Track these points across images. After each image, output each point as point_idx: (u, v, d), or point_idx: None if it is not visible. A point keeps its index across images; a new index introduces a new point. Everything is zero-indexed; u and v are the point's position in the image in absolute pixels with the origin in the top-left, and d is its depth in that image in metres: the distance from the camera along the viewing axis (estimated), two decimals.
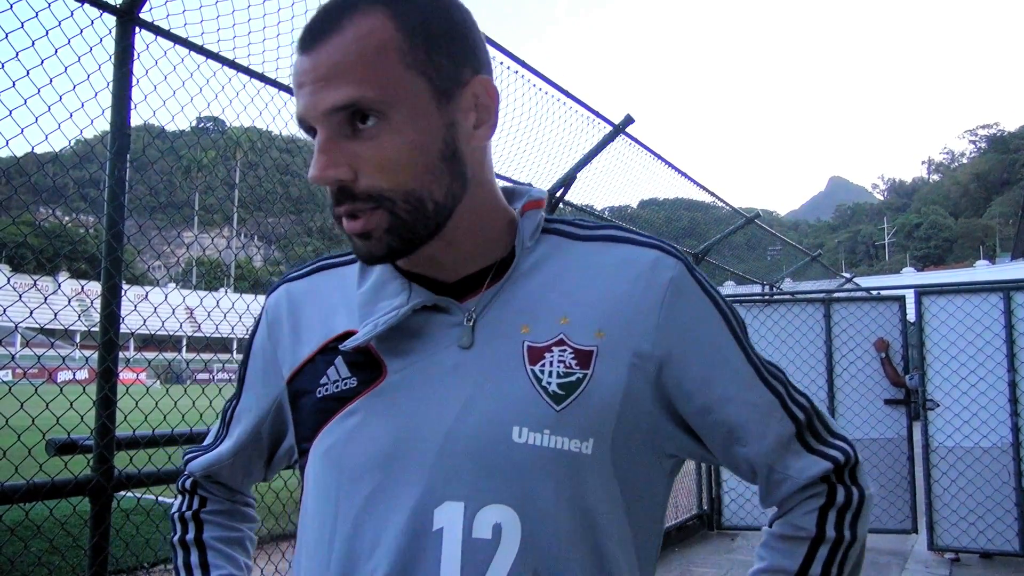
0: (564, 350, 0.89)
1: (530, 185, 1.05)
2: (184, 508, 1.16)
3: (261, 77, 3.61)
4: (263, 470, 1.16)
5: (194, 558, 1.12)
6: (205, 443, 1.18)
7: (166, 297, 3.73)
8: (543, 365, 0.89)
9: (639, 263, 0.94)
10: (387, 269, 0.96)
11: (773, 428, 0.95)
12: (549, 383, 0.88)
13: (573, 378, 0.88)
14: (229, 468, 1.14)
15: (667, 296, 0.92)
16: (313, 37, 0.84)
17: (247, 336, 1.12)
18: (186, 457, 1.19)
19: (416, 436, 0.88)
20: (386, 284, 0.95)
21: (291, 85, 0.90)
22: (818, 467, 0.96)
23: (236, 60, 3.45)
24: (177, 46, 3.19)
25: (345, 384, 0.94)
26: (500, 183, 1.02)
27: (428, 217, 0.87)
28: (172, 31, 3.13)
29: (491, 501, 0.85)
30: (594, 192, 6.88)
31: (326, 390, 0.95)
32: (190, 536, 1.13)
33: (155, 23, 3.04)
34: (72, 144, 3.13)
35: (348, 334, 0.95)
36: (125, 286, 2.96)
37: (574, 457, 0.87)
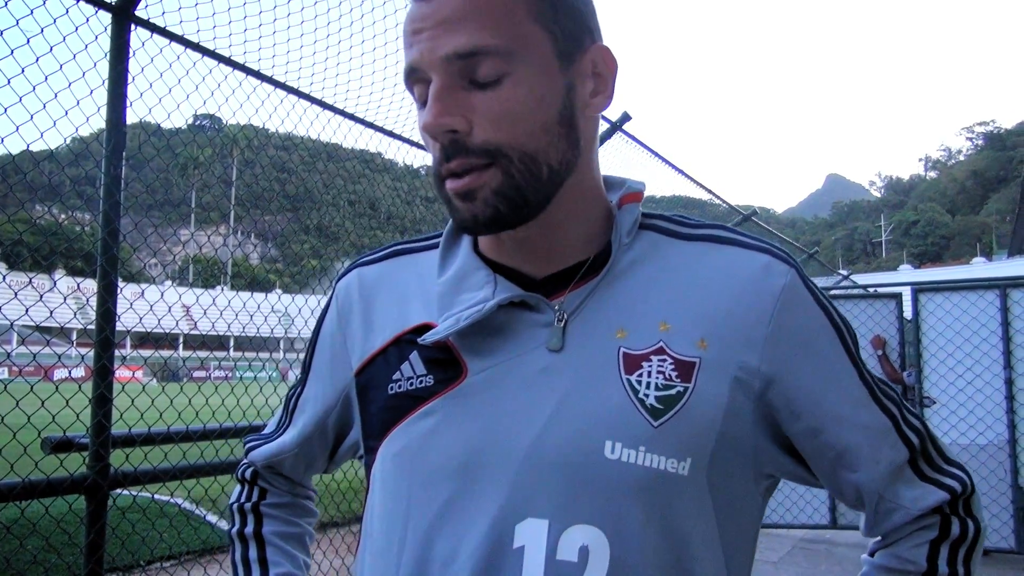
0: (664, 360, 0.82)
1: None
2: (244, 499, 1.11)
3: (257, 74, 3.61)
4: (326, 462, 1.10)
5: (252, 553, 1.07)
6: (267, 431, 1.12)
7: (162, 295, 3.72)
8: (640, 375, 0.81)
9: (748, 268, 0.86)
10: (471, 258, 0.90)
11: (886, 453, 0.87)
12: (647, 395, 0.80)
13: (673, 391, 0.80)
14: (292, 459, 1.08)
15: (778, 306, 0.84)
16: None
17: (316, 321, 1.06)
18: (248, 445, 1.12)
19: (498, 445, 0.81)
20: (469, 275, 0.89)
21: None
22: (933, 497, 0.88)
23: (232, 57, 3.44)
24: (173, 43, 3.18)
25: (421, 382, 0.87)
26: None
27: (541, 182, 0.81)
28: (168, 28, 3.13)
29: (578, 521, 0.77)
30: None
31: (399, 387, 0.88)
32: (249, 529, 1.08)
33: (151, 20, 3.04)
34: (68, 142, 3.13)
35: (425, 327, 0.88)
36: (121, 284, 2.95)
37: (670, 478, 0.79)
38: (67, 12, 2.77)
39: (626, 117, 6.04)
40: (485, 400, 0.83)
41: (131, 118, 2.92)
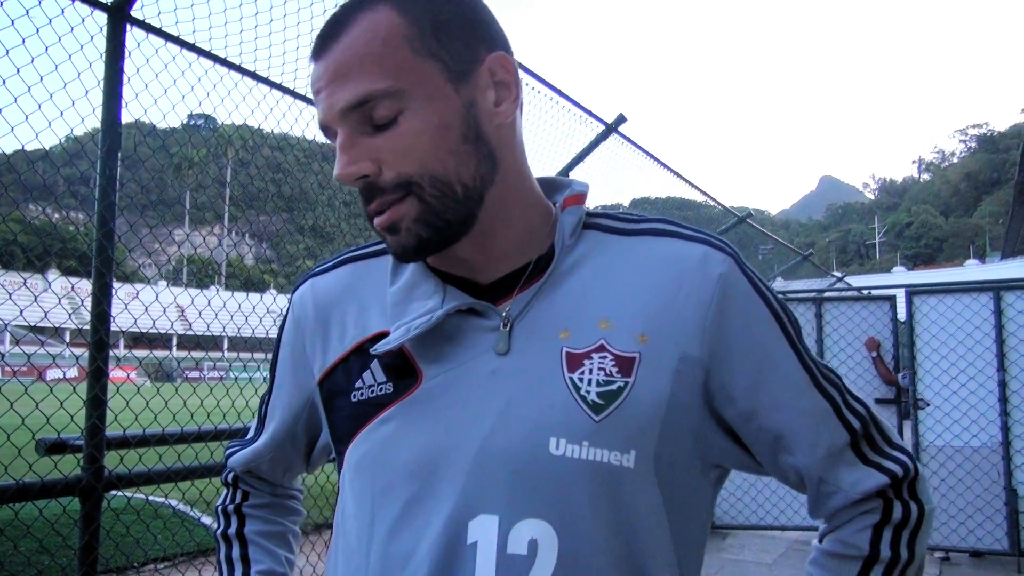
0: (604, 357, 0.85)
1: (572, 179, 1.00)
2: (227, 502, 1.16)
3: (253, 75, 3.60)
4: (303, 464, 1.14)
5: (235, 552, 1.12)
6: (246, 437, 1.17)
7: (157, 295, 3.72)
8: (582, 372, 0.84)
9: (686, 259, 0.89)
10: (420, 268, 0.93)
11: (825, 437, 0.89)
12: (588, 392, 0.83)
13: (614, 386, 0.84)
14: (268, 463, 1.13)
15: (716, 295, 0.87)
16: (323, 43, 0.84)
17: (277, 330, 1.11)
18: (228, 452, 1.18)
19: (452, 446, 0.84)
20: (419, 284, 0.92)
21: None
22: (873, 480, 0.90)
23: (228, 58, 3.44)
24: (168, 43, 3.18)
25: (381, 389, 0.91)
26: (540, 175, 0.99)
27: (458, 202, 0.84)
28: (163, 28, 3.12)
29: (527, 515, 0.81)
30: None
31: (361, 395, 0.92)
32: (232, 530, 1.13)
33: (146, 20, 3.03)
34: (63, 142, 3.12)
35: (382, 335, 0.92)
36: (116, 284, 2.94)
37: (614, 470, 0.82)
38: (63, 12, 2.77)
39: (621, 119, 6.05)
40: (439, 405, 0.87)
41: (126, 118, 2.92)
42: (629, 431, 0.83)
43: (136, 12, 2.95)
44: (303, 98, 3.83)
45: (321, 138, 0.94)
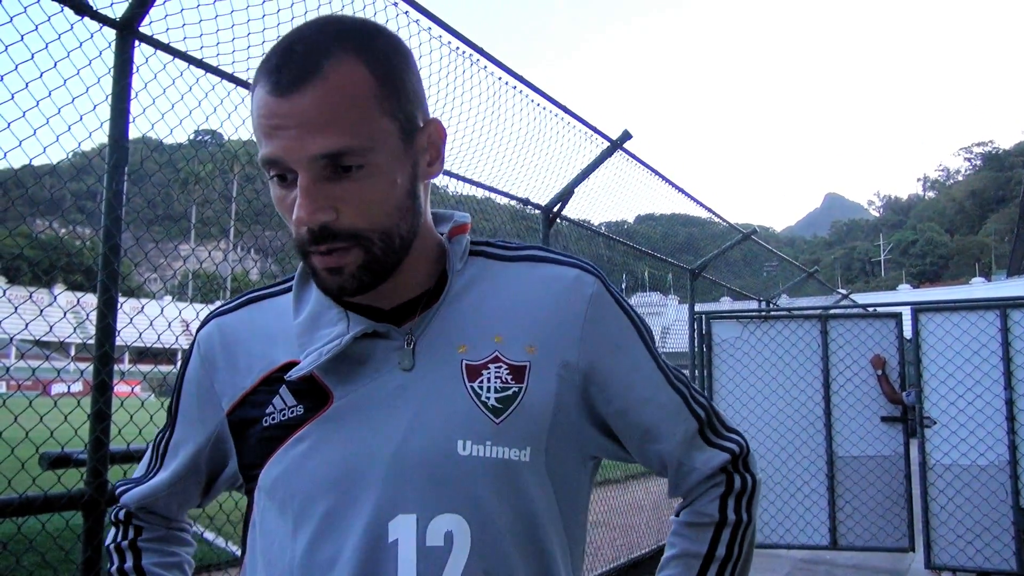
0: (500, 366, 0.97)
1: (452, 211, 1.11)
2: (120, 538, 1.16)
3: None
4: (199, 498, 1.17)
5: None
6: (136, 475, 1.19)
7: (162, 310, 3.72)
8: (481, 381, 0.96)
9: (562, 280, 1.03)
10: (323, 299, 1.00)
11: (681, 426, 1.05)
12: (488, 398, 0.95)
13: (510, 392, 0.96)
14: (165, 499, 1.15)
15: (588, 310, 1.01)
16: (291, 81, 0.85)
17: (177, 371, 1.15)
18: (119, 490, 1.18)
19: (366, 457, 0.92)
20: (323, 313, 1.00)
21: (256, 122, 0.89)
22: (719, 458, 1.07)
23: (235, 74, 3.45)
24: (176, 59, 3.19)
25: (292, 412, 0.97)
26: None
27: (396, 252, 0.94)
28: (171, 45, 3.14)
29: (442, 511, 0.91)
30: (591, 207, 6.89)
31: (272, 419, 0.98)
32: (128, 565, 1.14)
33: (154, 36, 3.05)
34: (70, 157, 3.13)
35: (290, 364, 0.98)
36: (121, 298, 2.95)
37: (514, 465, 0.94)
38: (71, 28, 2.79)
39: (626, 135, 6.06)
40: (351, 421, 0.95)
41: (133, 133, 2.93)
42: (524, 430, 0.95)
43: (144, 28, 2.96)
44: None
45: None
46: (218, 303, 1.15)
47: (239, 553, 1.14)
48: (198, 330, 1.11)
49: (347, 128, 0.86)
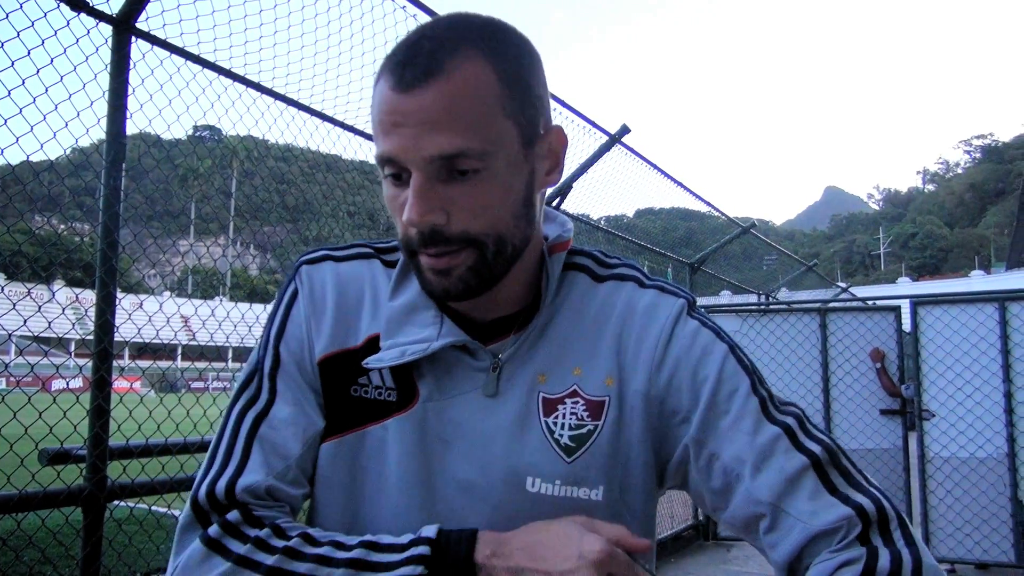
0: (576, 402, 0.92)
1: (555, 210, 1.06)
2: (250, 533, 0.85)
3: (258, 86, 3.62)
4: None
5: (309, 551, 0.84)
6: (232, 463, 0.90)
7: (161, 306, 3.72)
8: (556, 417, 0.92)
9: (642, 302, 0.98)
10: (422, 295, 0.95)
11: (777, 464, 0.87)
12: (561, 435, 0.91)
13: (584, 430, 0.91)
14: (296, 466, 0.91)
15: (666, 333, 0.95)
16: (415, 77, 0.82)
17: (279, 307, 1.00)
18: (218, 485, 0.88)
19: (437, 476, 0.90)
20: (418, 310, 0.96)
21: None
22: (839, 512, 0.83)
23: (233, 69, 3.45)
24: (174, 55, 3.19)
25: (387, 395, 0.93)
26: None
27: (507, 259, 0.90)
28: (169, 40, 3.14)
29: None
30: (591, 201, 6.89)
31: (366, 392, 0.94)
32: (289, 542, 0.84)
33: (152, 32, 3.05)
34: (68, 153, 3.13)
35: (375, 339, 0.95)
36: (120, 295, 2.95)
37: (584, 504, 0.90)
38: (68, 24, 2.78)
39: (625, 130, 6.06)
40: (430, 432, 0.92)
41: (131, 129, 2.93)
42: (597, 470, 0.91)
43: (141, 24, 2.96)
44: (307, 109, 3.84)
45: (325, 148, 0.94)
46: (332, 245, 1.05)
47: None
48: (301, 264, 1.01)
49: (467, 130, 0.82)
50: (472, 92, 0.82)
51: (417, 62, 0.82)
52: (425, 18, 4.08)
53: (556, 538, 0.81)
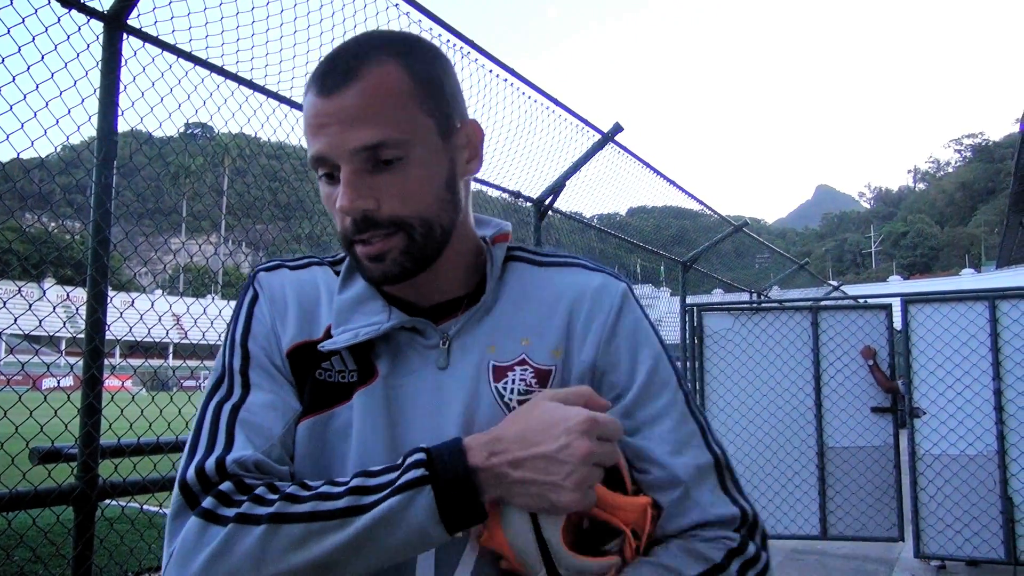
0: (525, 369, 1.01)
1: (492, 218, 1.15)
2: (239, 498, 0.85)
3: (249, 84, 3.61)
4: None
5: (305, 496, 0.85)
6: (216, 443, 0.92)
7: (152, 304, 3.71)
8: (505, 383, 1.00)
9: (590, 286, 1.07)
10: (369, 287, 1.04)
11: (693, 453, 0.99)
12: (511, 400, 0.99)
13: (532, 395, 0.97)
14: (279, 445, 0.95)
15: (614, 315, 1.05)
16: (335, 83, 0.93)
17: (239, 315, 1.05)
18: (207, 463, 0.89)
19: (394, 445, 0.96)
20: (367, 301, 1.04)
21: (306, 124, 0.96)
22: (730, 510, 0.97)
23: (224, 67, 3.44)
24: (165, 52, 3.18)
25: (347, 377, 1.00)
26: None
27: (437, 240, 0.98)
28: (160, 37, 3.13)
29: None
30: (583, 200, 6.90)
31: (329, 376, 1.01)
32: (283, 495, 0.85)
33: (143, 29, 3.04)
34: (58, 150, 3.12)
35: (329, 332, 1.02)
36: (111, 293, 2.94)
37: None
38: (59, 21, 2.77)
39: (618, 128, 6.06)
40: (390, 408, 0.98)
41: (122, 127, 2.92)
42: None
43: (132, 21, 2.95)
44: (299, 107, 3.84)
45: None
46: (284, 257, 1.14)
47: None
48: (258, 272, 1.10)
49: (385, 122, 0.92)
50: (387, 90, 0.93)
51: (336, 70, 0.93)
52: (416, 15, 4.07)
53: (541, 421, 0.87)
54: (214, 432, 0.93)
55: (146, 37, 3.06)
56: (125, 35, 2.93)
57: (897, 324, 7.04)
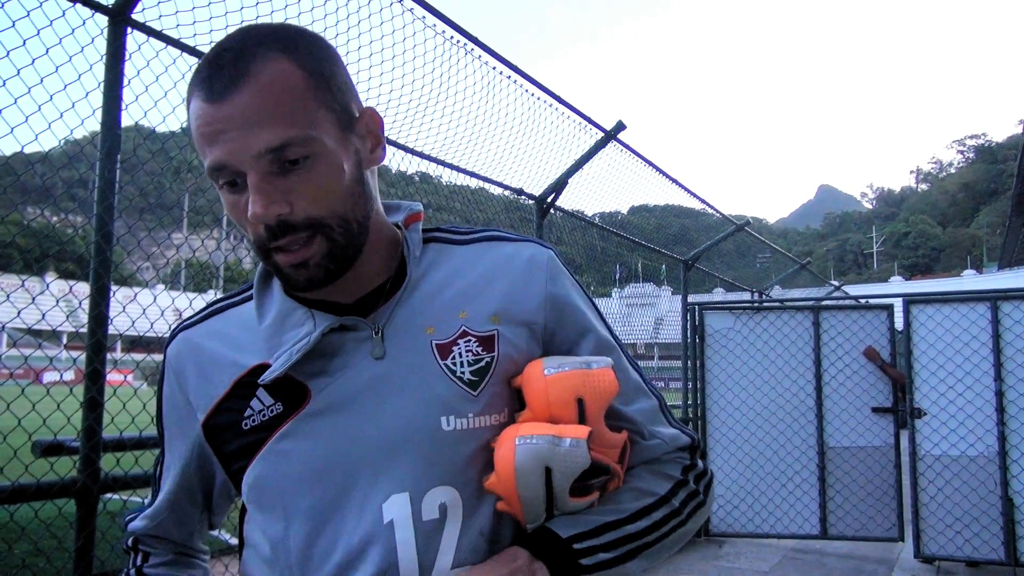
0: (469, 340, 1.01)
1: (399, 200, 1.15)
2: (129, 566, 1.16)
3: None
4: (205, 517, 1.17)
5: None
6: (143, 507, 1.19)
7: (155, 298, 3.71)
8: (453, 358, 0.99)
9: (520, 256, 1.08)
10: (286, 301, 1.02)
11: (642, 398, 1.10)
12: (463, 373, 0.99)
13: (483, 363, 1.00)
14: (168, 523, 1.15)
15: (546, 278, 1.07)
16: (224, 86, 0.88)
17: (156, 392, 1.14)
18: (127, 520, 1.19)
19: (351, 445, 0.95)
20: (288, 315, 1.01)
21: (197, 133, 0.91)
22: (683, 439, 1.11)
23: None
24: (169, 47, 3.18)
25: (272, 411, 0.99)
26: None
27: (356, 237, 0.96)
28: (164, 32, 3.13)
29: (433, 485, 0.95)
30: (585, 198, 6.90)
31: (253, 421, 1.00)
32: None
33: (147, 24, 3.04)
34: (62, 144, 3.12)
35: (260, 367, 1.00)
36: (114, 287, 2.94)
37: (496, 429, 0.98)
38: (64, 14, 2.77)
39: (620, 126, 6.05)
40: (331, 413, 0.97)
41: (126, 121, 2.92)
42: (501, 395, 1.01)
43: (137, 15, 2.95)
44: None
45: None
46: (184, 317, 1.16)
47: (235, 542, 1.13)
48: (165, 347, 1.12)
49: (286, 121, 0.88)
50: (281, 87, 0.89)
51: (223, 72, 0.88)
52: (420, 11, 4.07)
53: None
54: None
55: (150, 31, 3.06)
56: (129, 29, 2.93)
57: (899, 325, 7.04)
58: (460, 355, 0.99)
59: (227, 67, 0.88)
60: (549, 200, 6.08)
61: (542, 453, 0.91)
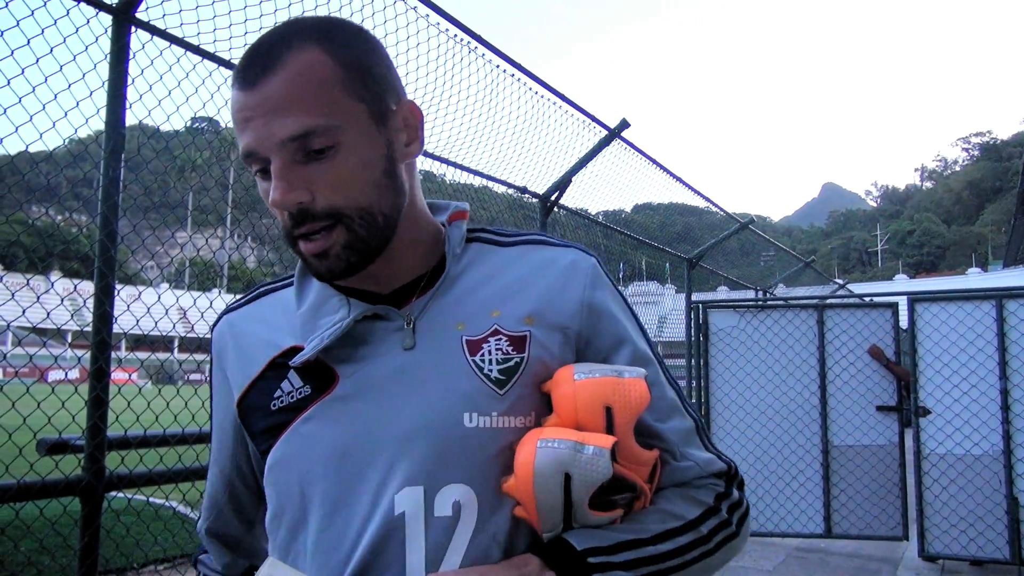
0: (500, 339, 0.99)
1: (448, 201, 1.14)
2: None
3: None
4: (262, 506, 1.12)
5: None
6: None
7: (159, 297, 3.72)
8: (482, 355, 0.98)
9: (561, 261, 1.07)
10: (325, 288, 1.04)
11: (677, 418, 1.05)
12: (491, 370, 0.97)
13: (512, 363, 0.98)
14: (227, 511, 1.15)
15: (586, 286, 1.05)
16: (256, 74, 0.91)
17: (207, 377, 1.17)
18: (198, 530, 1.20)
19: (372, 433, 0.95)
20: (325, 302, 1.03)
21: (235, 121, 0.93)
22: (718, 465, 1.06)
23: (232, 60, 3.44)
24: (173, 46, 3.19)
25: (300, 393, 1.00)
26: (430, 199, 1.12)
27: (380, 229, 0.96)
28: (168, 31, 3.13)
29: (449, 481, 0.93)
30: (589, 196, 6.90)
31: (281, 402, 1.01)
32: None
33: (151, 23, 3.04)
34: (66, 143, 3.12)
35: (295, 349, 1.01)
36: (118, 286, 2.95)
37: (520, 431, 0.95)
38: (68, 13, 2.78)
39: (624, 124, 6.05)
40: (357, 399, 0.97)
41: (130, 120, 2.93)
42: (529, 397, 0.98)
43: (141, 14, 2.96)
44: None
45: None
46: (232, 299, 1.18)
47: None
48: (211, 328, 1.15)
49: (311, 109, 0.89)
50: (310, 76, 0.90)
51: (256, 61, 0.91)
52: (424, 9, 4.07)
53: None
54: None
55: (154, 30, 3.06)
56: (133, 28, 2.93)
57: (903, 323, 7.02)
58: (490, 352, 0.98)
59: (262, 56, 0.91)
60: (553, 198, 6.08)
61: (562, 458, 0.88)
